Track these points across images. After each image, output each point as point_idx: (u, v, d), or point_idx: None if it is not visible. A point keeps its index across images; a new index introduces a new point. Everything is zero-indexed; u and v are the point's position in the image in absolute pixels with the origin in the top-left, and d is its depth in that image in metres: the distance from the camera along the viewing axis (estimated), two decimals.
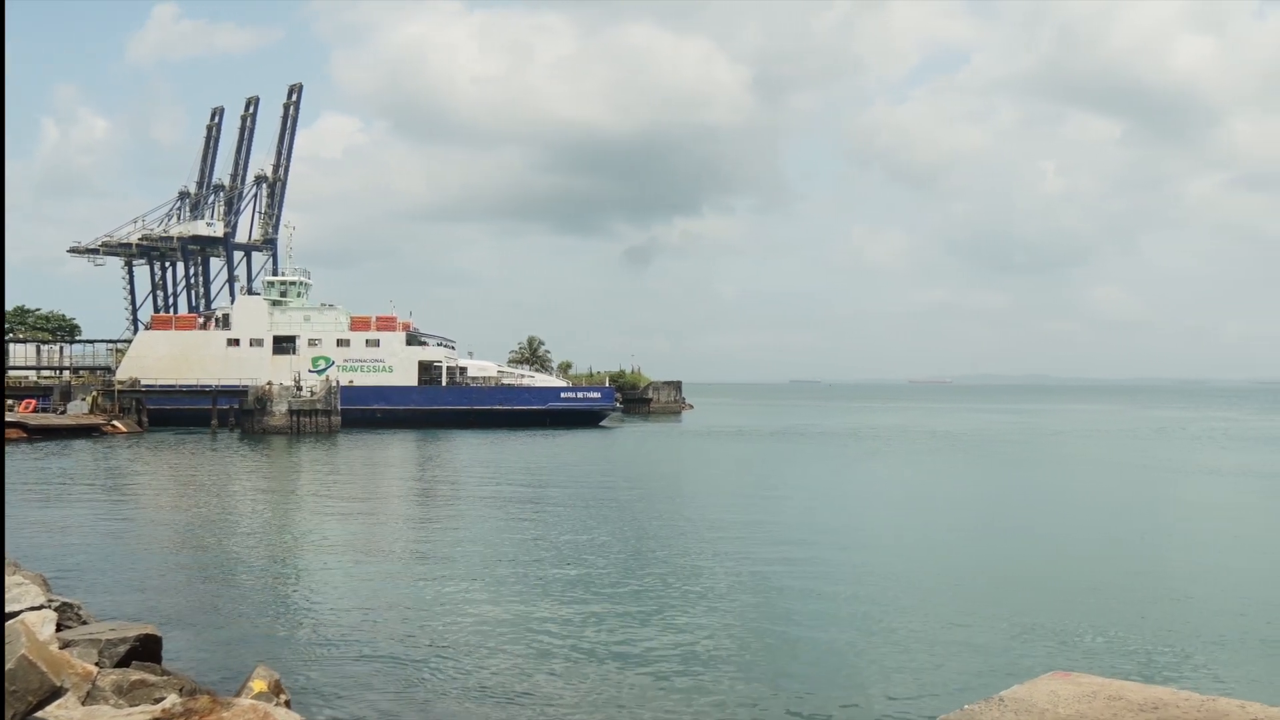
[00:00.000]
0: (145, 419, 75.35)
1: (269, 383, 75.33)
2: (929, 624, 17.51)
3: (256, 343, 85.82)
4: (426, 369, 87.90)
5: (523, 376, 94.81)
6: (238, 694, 11.29)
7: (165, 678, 11.69)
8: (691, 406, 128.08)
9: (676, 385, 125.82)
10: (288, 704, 11.67)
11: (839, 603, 19.14)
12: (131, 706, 10.40)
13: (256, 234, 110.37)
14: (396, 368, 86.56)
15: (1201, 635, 16.71)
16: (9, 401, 72.60)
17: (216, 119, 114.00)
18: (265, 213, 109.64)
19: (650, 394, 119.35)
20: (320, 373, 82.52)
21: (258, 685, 11.54)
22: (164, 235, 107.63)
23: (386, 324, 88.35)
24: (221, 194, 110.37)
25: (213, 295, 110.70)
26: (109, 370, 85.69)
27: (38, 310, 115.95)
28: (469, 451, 59.37)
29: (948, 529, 29.81)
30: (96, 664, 11.54)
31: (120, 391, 76.11)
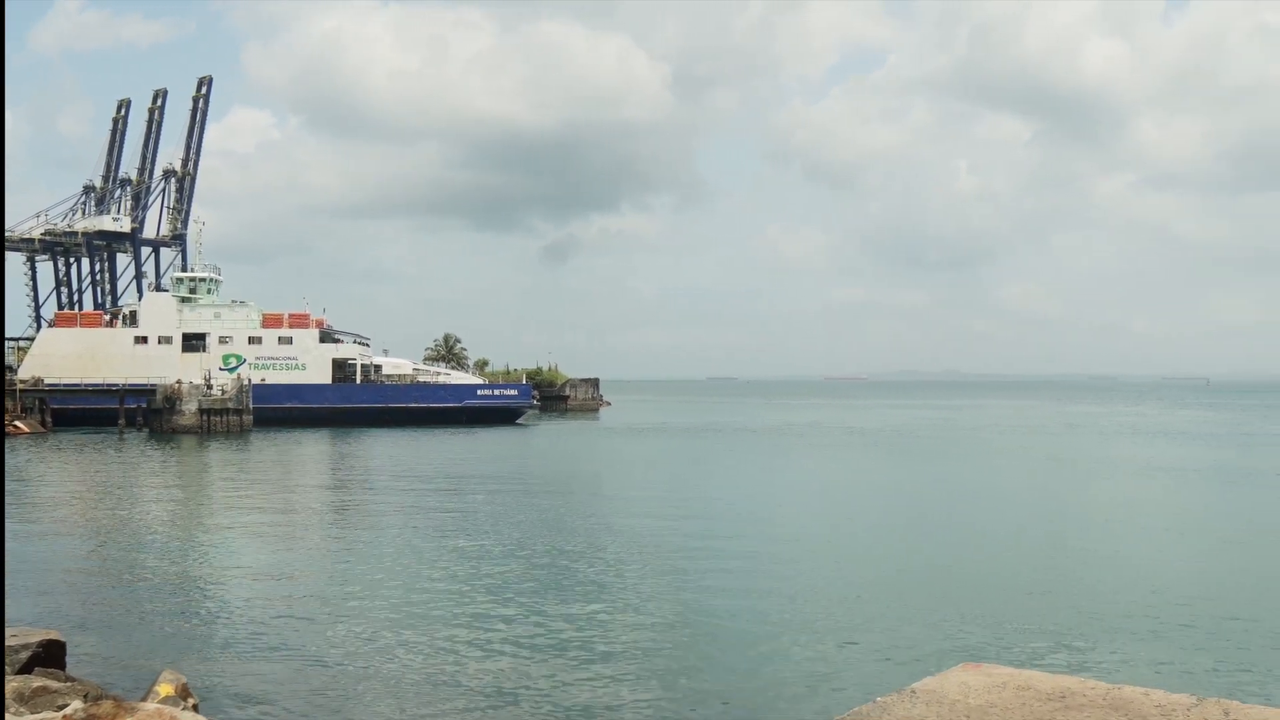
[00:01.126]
0: (49, 419, 73.43)
1: (178, 381, 73.86)
2: (843, 617, 17.70)
3: (165, 340, 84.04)
4: (341, 367, 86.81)
5: (439, 374, 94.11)
6: (144, 699, 11.03)
7: (69, 684, 11.37)
8: (609, 404, 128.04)
9: (594, 382, 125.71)
10: (195, 708, 11.43)
11: (755, 597, 19.27)
12: (34, 714, 10.10)
13: (165, 229, 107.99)
14: (310, 365, 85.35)
15: (1106, 625, 17.11)
16: None
17: (123, 112, 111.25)
18: (174, 208, 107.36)
19: (568, 391, 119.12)
20: (231, 371, 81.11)
21: (164, 689, 11.29)
22: (68, 230, 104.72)
23: (300, 321, 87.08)
24: (129, 188, 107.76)
25: (120, 292, 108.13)
26: (11, 369, 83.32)
27: None
28: (384, 450, 58.76)
29: (863, 524, 30.18)
30: None
31: (23, 391, 74.08)
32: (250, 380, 77.38)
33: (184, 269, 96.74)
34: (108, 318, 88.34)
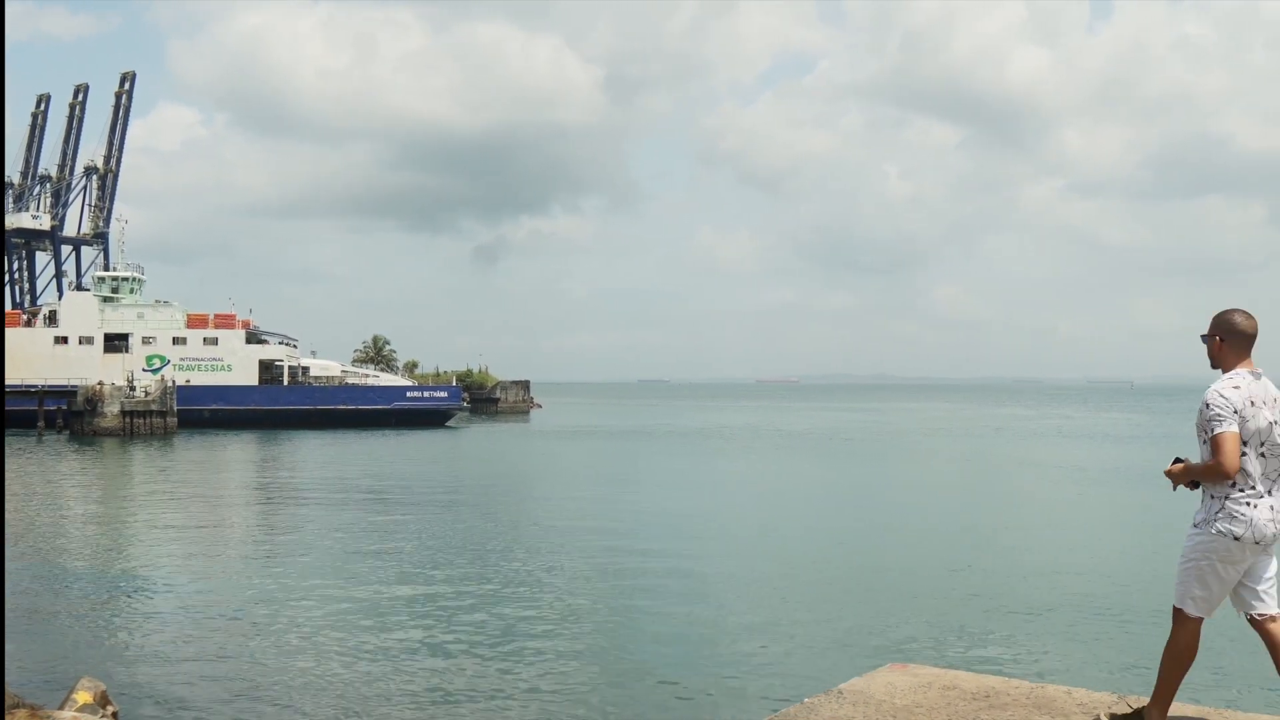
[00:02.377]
0: None
1: (99, 382, 72.35)
2: (771, 618, 17.77)
3: (86, 341, 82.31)
4: (267, 368, 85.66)
5: (367, 376, 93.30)
6: (61, 707, 10.77)
7: None
8: (540, 406, 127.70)
9: (525, 385, 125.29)
10: (115, 716, 11.19)
11: (684, 599, 19.29)
12: None
13: (86, 227, 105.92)
14: (236, 367, 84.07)
15: (1031, 625, 17.37)
16: None
17: (42, 106, 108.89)
18: (96, 205, 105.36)
19: (498, 394, 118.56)
20: (155, 372, 79.64)
21: (82, 697, 11.03)
22: None
23: (225, 322, 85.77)
24: (48, 185, 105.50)
25: (39, 291, 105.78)
26: None
27: None
28: (311, 452, 58.06)
29: (792, 525, 30.35)
30: None
31: None
32: (174, 382, 76.06)
33: (106, 268, 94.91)
34: (26, 317, 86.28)
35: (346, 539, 26.50)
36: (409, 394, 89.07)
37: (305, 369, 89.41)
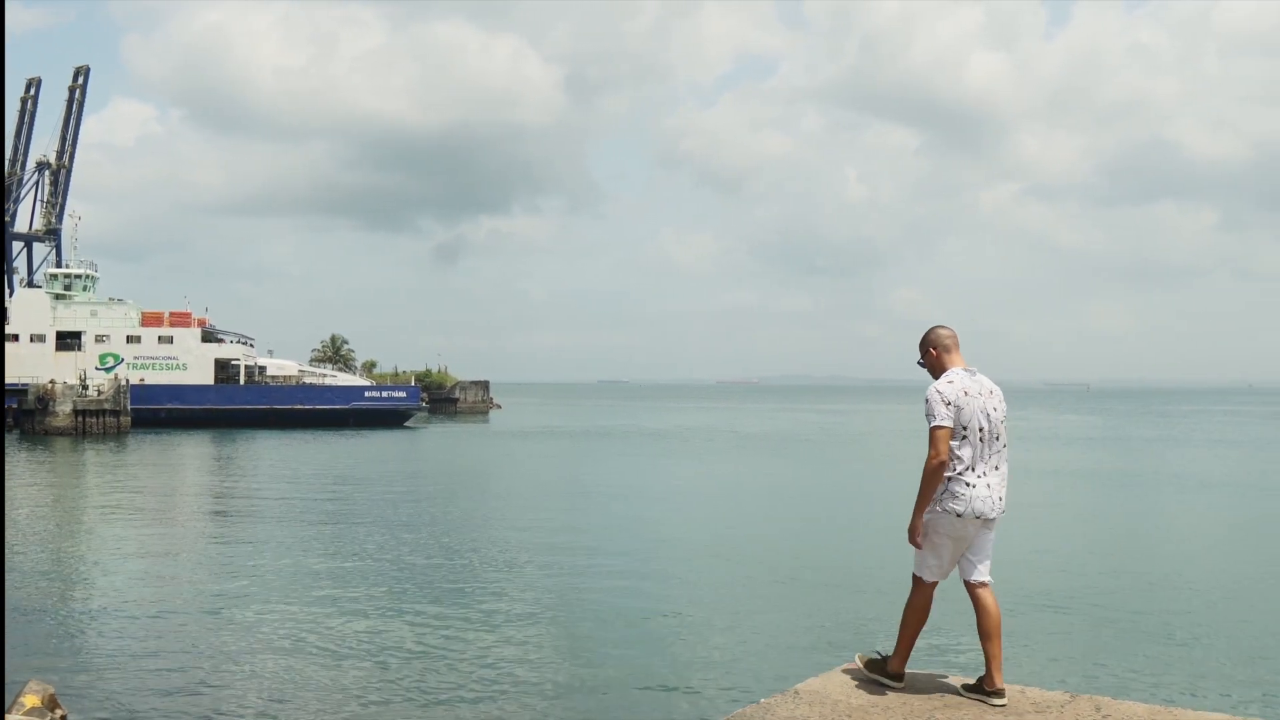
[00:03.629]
0: None
1: (51, 381, 71.37)
2: (727, 619, 17.81)
3: (38, 338, 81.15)
4: (223, 367, 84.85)
5: (325, 376, 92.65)
6: (9, 710, 10.61)
7: None
8: (500, 406, 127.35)
9: (484, 385, 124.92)
10: (64, 719, 11.03)
11: (641, 599, 19.29)
12: None
13: (38, 224, 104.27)
14: (191, 366, 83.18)
15: None
16: None
17: None
18: (48, 201, 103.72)
19: (457, 394, 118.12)
20: (108, 370, 78.67)
21: (30, 700, 10.86)
22: None
23: (181, 320, 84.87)
24: None
25: None
26: None
27: None
28: (268, 452, 57.58)
29: (750, 526, 30.43)
30: None
31: None
32: (128, 380, 75.19)
33: (58, 265, 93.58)
34: None
35: (301, 541, 26.28)
36: (367, 394, 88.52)
37: (262, 368, 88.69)
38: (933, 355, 6.22)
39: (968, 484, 5.95)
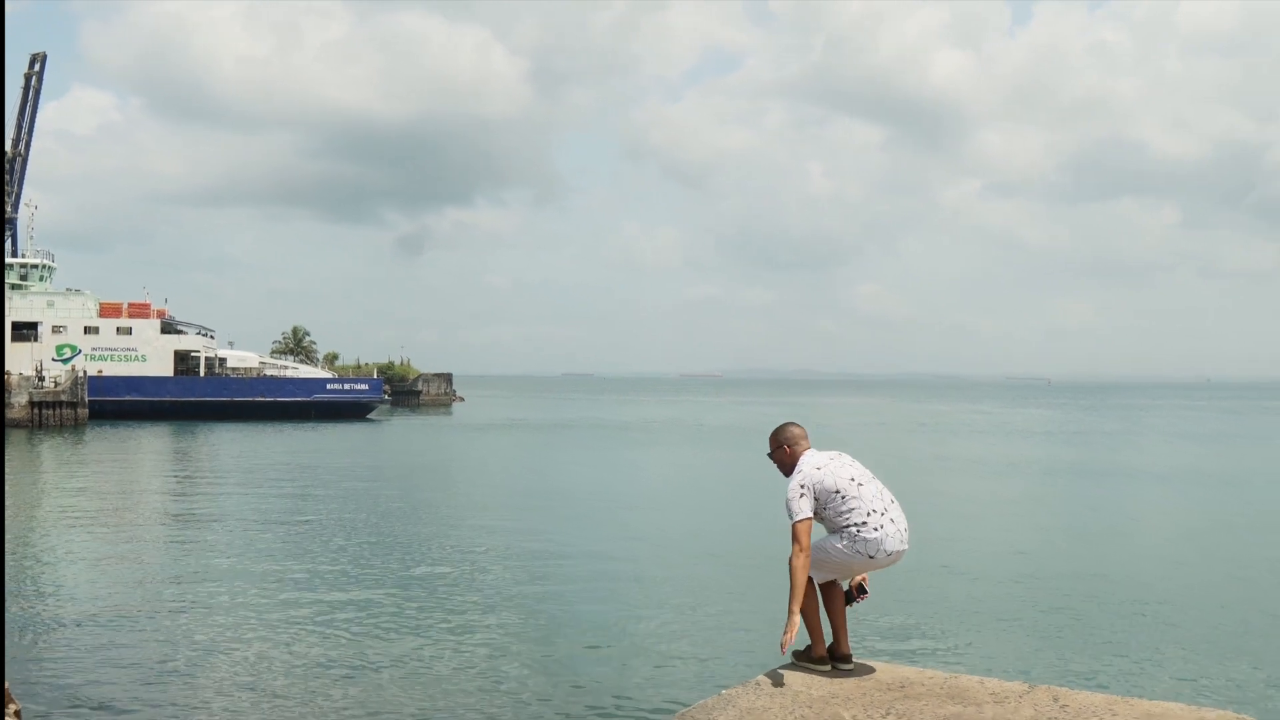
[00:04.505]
0: None
1: (6, 372, 70.50)
2: (690, 611, 17.83)
3: None
4: (183, 359, 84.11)
5: (286, 368, 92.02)
6: None
7: None
8: (463, 399, 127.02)
9: (447, 377, 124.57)
10: (18, 714, 10.87)
11: (604, 592, 19.29)
12: None
13: None
14: (150, 357, 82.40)
15: (944, 617, 17.61)
16: None
17: None
18: (4, 190, 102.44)
19: (420, 386, 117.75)
20: (65, 362, 77.79)
21: None
22: None
23: (140, 311, 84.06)
24: None
25: None
26: None
27: None
28: (228, 445, 57.12)
29: (712, 520, 30.50)
30: None
31: None
32: (86, 372, 74.36)
33: (14, 254, 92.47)
34: None
35: (262, 536, 26.08)
36: (329, 386, 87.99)
37: (222, 360, 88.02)
38: (785, 452, 6.47)
39: (875, 528, 6.23)
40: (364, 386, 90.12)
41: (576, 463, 49.01)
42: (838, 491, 6.20)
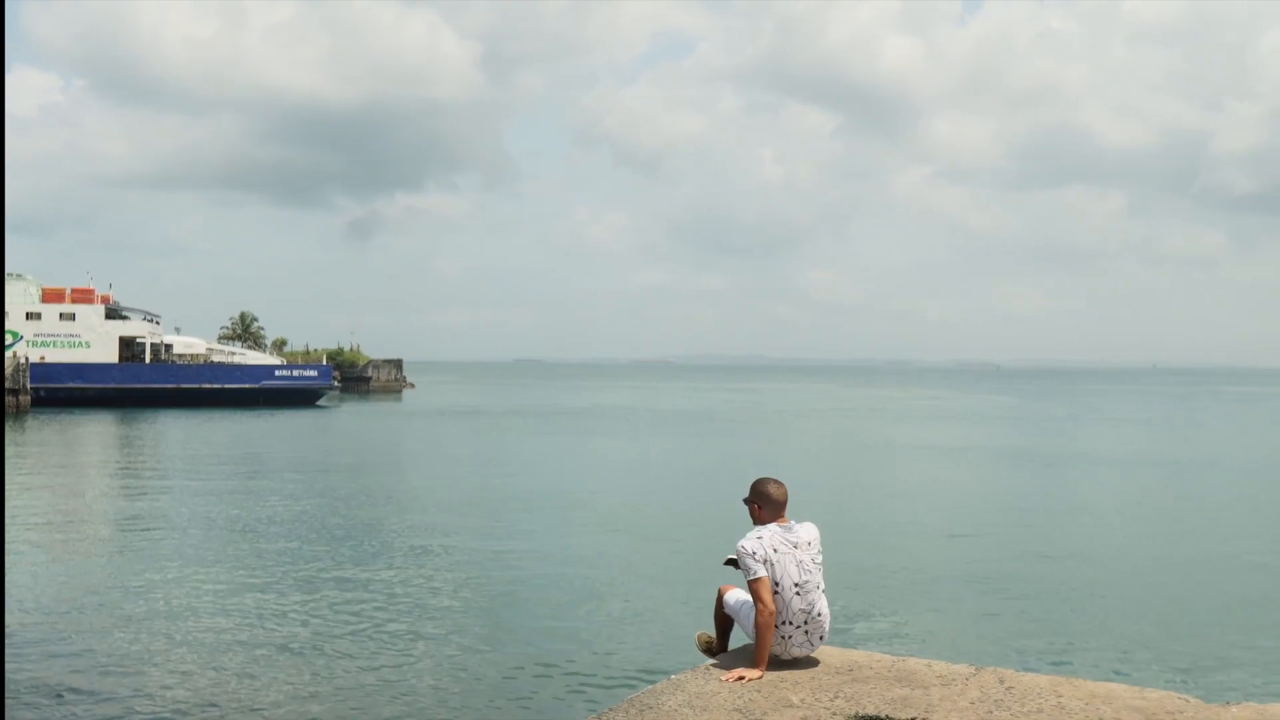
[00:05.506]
0: None
1: None
2: (642, 597, 17.85)
3: None
4: (129, 345, 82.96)
5: (234, 354, 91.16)
6: None
7: None
8: (413, 385, 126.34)
9: (397, 363, 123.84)
10: None
11: (555, 579, 19.24)
12: None
13: None
14: (95, 343, 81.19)
15: (891, 600, 17.75)
16: None
17: None
18: None
19: (370, 373, 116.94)
20: (7, 349, 76.51)
21: None
22: None
23: (84, 296, 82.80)
24: None
25: None
26: None
27: None
28: (174, 434, 56.44)
29: (665, 505, 30.50)
30: None
31: None
32: (28, 359, 73.19)
33: None
34: None
35: (208, 527, 25.77)
36: (277, 373, 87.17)
37: (169, 346, 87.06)
38: (754, 509, 6.85)
39: (784, 636, 6.51)
40: (313, 373, 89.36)
41: (528, 449, 48.89)
42: (776, 583, 6.46)
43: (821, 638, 6.63)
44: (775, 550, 6.45)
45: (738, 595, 6.99)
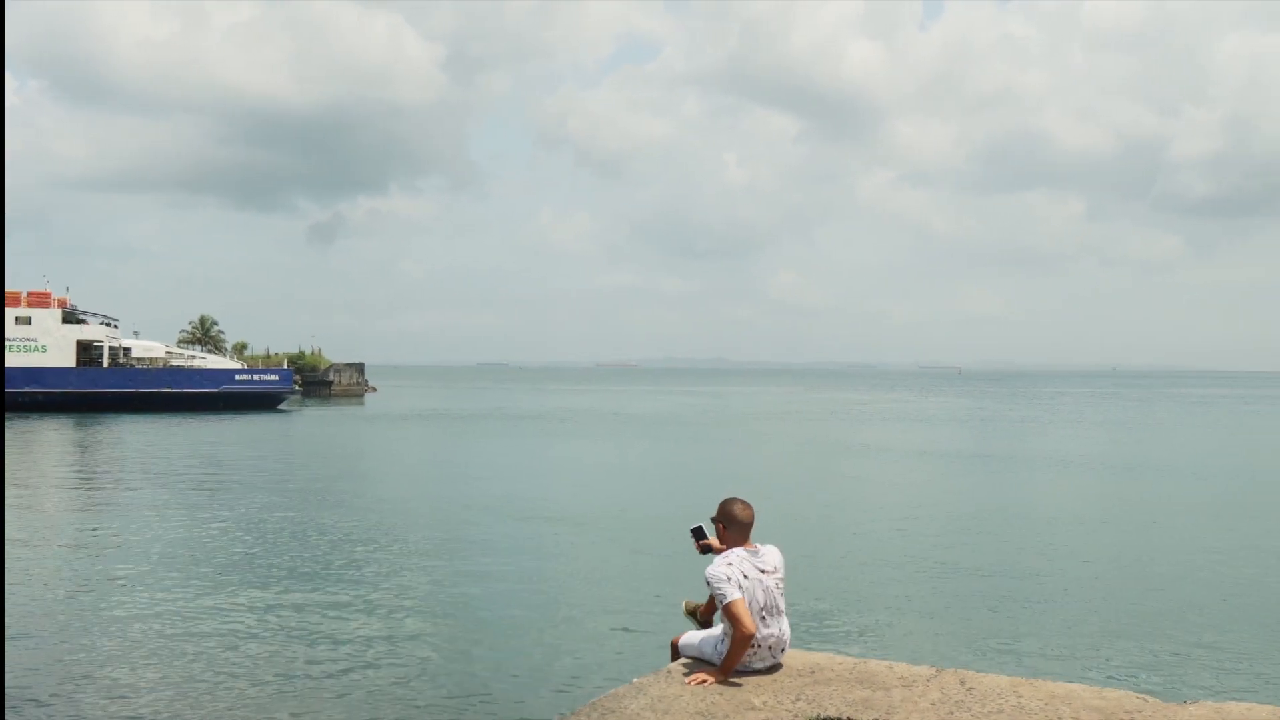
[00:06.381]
0: None
1: None
2: (604, 601, 17.82)
3: None
4: (86, 349, 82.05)
5: (194, 358, 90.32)
6: None
7: None
8: (375, 389, 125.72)
9: (359, 367, 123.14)
10: None
11: (518, 582, 19.18)
12: None
13: None
14: (51, 347, 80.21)
15: (852, 603, 17.80)
16: None
17: None
18: None
19: (332, 376, 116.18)
20: None
21: None
22: None
23: (39, 300, 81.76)
24: None
25: None
26: None
27: None
28: (133, 439, 55.85)
29: (627, 508, 30.47)
30: None
31: None
32: None
33: None
34: None
35: (168, 534, 25.52)
36: (238, 377, 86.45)
37: (127, 350, 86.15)
38: (720, 529, 6.85)
39: (749, 655, 6.53)
40: (274, 377, 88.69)
41: (490, 453, 48.73)
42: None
43: (783, 650, 6.68)
44: (745, 576, 6.46)
45: (691, 636, 6.98)
